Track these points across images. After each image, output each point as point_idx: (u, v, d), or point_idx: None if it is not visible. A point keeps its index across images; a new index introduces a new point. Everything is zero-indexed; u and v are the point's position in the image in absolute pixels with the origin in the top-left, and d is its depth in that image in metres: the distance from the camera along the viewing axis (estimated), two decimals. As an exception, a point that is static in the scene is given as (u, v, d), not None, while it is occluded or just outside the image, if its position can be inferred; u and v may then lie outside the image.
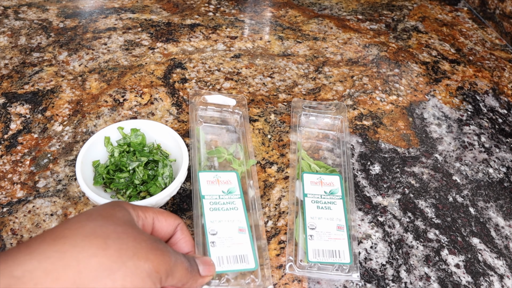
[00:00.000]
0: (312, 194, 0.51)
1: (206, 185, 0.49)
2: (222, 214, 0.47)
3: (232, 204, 0.48)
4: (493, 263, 0.50)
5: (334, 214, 0.49)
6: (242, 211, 0.48)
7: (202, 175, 0.50)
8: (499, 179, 0.59)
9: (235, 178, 0.51)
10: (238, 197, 0.49)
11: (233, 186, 0.50)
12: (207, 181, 0.50)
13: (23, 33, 0.75)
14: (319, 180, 0.52)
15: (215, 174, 0.50)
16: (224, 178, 0.50)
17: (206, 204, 0.47)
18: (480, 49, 0.83)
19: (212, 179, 0.50)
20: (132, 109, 0.63)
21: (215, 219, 0.46)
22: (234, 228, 0.46)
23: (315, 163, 0.56)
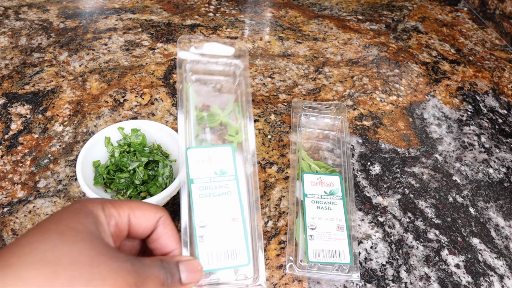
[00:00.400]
0: (312, 194, 0.51)
1: (196, 165, 0.41)
2: (214, 201, 0.40)
3: (225, 188, 0.40)
4: (493, 263, 0.50)
5: (334, 214, 0.49)
6: (236, 196, 0.40)
7: (191, 153, 0.41)
8: (499, 179, 0.59)
9: (230, 154, 0.42)
10: (232, 178, 0.41)
11: (227, 164, 0.41)
12: (197, 160, 0.41)
13: (23, 34, 0.75)
14: (319, 180, 0.52)
15: (206, 151, 0.41)
16: (217, 155, 0.41)
17: (195, 189, 0.39)
18: (480, 50, 0.83)
19: (203, 158, 0.41)
20: (133, 109, 0.63)
21: (205, 208, 0.39)
22: (226, 217, 0.39)
23: (315, 163, 0.56)
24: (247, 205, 0.41)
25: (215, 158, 0.41)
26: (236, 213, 0.40)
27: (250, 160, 0.43)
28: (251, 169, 0.42)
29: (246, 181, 0.42)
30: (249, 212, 0.41)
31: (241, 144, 0.43)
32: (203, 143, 0.43)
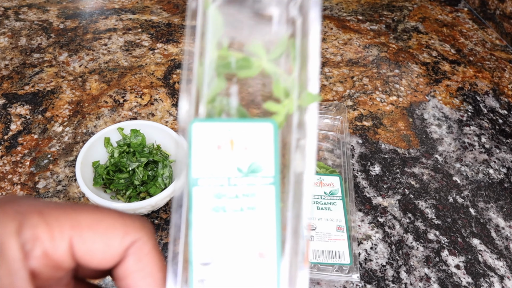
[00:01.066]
0: (312, 195, 0.51)
1: (206, 154, 0.21)
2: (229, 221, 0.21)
3: (254, 199, 0.21)
4: (494, 264, 0.50)
5: (334, 215, 0.49)
6: (272, 213, 0.21)
7: (198, 130, 0.21)
8: (500, 180, 0.59)
9: (269, 136, 0.21)
10: (268, 182, 0.21)
11: (262, 155, 0.22)
12: (207, 144, 0.21)
13: (23, 34, 0.75)
14: (319, 181, 0.52)
15: (226, 127, 0.21)
16: (246, 136, 0.21)
17: (200, 198, 0.21)
18: (480, 50, 0.83)
19: (219, 141, 0.21)
20: (132, 109, 0.63)
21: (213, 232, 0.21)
22: (249, 251, 0.21)
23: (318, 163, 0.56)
24: (290, 230, 0.22)
25: (241, 142, 0.21)
26: (267, 244, 0.21)
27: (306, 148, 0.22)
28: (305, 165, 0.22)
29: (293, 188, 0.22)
30: (290, 243, 0.22)
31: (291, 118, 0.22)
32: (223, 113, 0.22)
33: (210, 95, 0.23)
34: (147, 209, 0.46)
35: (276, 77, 0.23)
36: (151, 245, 0.21)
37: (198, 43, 0.23)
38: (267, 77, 0.24)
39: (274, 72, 0.23)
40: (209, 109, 0.23)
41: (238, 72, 0.23)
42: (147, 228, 0.21)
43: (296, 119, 0.22)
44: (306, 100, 0.23)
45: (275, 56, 0.24)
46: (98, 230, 0.19)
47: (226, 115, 0.23)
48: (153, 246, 0.21)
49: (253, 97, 0.24)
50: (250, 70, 0.23)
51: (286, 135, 0.23)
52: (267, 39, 0.24)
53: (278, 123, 0.22)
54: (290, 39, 0.24)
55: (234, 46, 0.24)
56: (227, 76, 0.23)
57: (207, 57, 0.23)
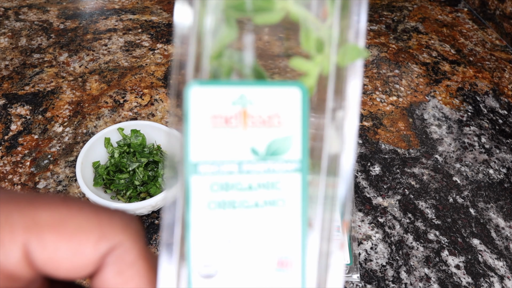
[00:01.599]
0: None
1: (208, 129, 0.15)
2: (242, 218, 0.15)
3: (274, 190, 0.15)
4: (494, 264, 0.50)
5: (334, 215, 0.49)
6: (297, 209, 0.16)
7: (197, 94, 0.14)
8: (500, 180, 0.59)
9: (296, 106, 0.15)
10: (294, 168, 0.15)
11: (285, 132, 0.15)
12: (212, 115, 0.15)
13: (23, 34, 0.75)
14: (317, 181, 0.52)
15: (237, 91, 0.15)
16: (263, 104, 0.15)
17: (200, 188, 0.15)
18: (480, 50, 0.83)
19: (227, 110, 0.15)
20: (132, 110, 0.63)
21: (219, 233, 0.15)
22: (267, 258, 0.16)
23: None
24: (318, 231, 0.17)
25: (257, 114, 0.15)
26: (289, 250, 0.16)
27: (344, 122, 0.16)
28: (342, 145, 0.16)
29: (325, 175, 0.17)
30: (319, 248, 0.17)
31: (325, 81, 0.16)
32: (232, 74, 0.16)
33: (216, 47, 0.16)
34: (147, 210, 0.46)
35: (306, 24, 0.17)
36: (136, 252, 0.15)
37: None
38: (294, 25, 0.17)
39: (303, 16, 0.17)
40: (214, 67, 0.16)
41: (255, 17, 0.17)
42: (132, 228, 0.15)
43: (332, 82, 0.16)
44: (348, 56, 0.16)
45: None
46: (63, 233, 0.14)
47: (237, 76, 0.16)
48: (139, 254, 0.15)
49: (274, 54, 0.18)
50: (271, 14, 0.17)
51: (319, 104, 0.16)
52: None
53: (308, 87, 0.16)
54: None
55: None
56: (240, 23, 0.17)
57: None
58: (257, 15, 0.16)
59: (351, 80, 0.16)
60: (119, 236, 0.15)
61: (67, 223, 0.14)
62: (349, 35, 0.15)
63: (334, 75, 0.16)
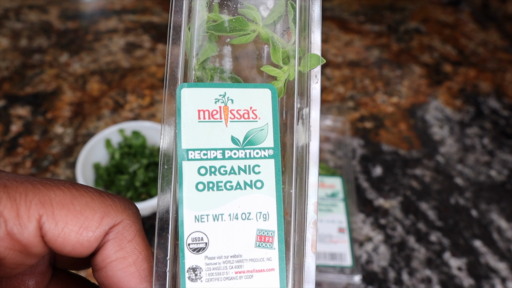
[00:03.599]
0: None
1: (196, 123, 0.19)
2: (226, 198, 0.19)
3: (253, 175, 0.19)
4: (496, 265, 0.49)
5: (335, 216, 0.49)
6: (272, 190, 0.20)
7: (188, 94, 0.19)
8: (501, 182, 0.59)
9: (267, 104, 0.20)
10: (267, 154, 0.20)
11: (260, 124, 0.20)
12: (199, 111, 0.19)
13: (24, 35, 0.75)
14: (320, 182, 0.52)
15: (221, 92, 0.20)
16: (241, 102, 0.20)
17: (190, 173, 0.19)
18: (482, 51, 0.83)
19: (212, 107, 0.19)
20: (133, 111, 0.63)
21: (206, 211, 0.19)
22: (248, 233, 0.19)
23: None
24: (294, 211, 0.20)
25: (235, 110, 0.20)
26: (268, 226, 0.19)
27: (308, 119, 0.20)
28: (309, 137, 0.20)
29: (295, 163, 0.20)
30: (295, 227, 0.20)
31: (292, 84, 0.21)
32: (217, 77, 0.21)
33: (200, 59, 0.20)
34: (148, 211, 0.46)
35: (274, 42, 0.20)
36: (135, 230, 0.17)
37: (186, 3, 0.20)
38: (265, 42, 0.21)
39: (271, 37, 0.21)
40: (199, 74, 0.20)
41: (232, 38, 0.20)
42: (131, 210, 0.17)
43: (297, 86, 0.21)
44: (309, 63, 0.21)
45: (273, 19, 0.21)
46: (72, 209, 0.16)
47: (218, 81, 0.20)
48: (137, 232, 0.17)
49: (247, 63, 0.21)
50: (245, 36, 0.21)
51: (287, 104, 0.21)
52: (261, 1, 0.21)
53: (277, 89, 0.20)
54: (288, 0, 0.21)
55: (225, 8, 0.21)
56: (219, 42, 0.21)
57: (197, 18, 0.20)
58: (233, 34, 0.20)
59: (313, 83, 0.20)
60: (120, 215, 0.17)
61: (76, 202, 0.16)
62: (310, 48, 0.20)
63: (298, 81, 0.20)
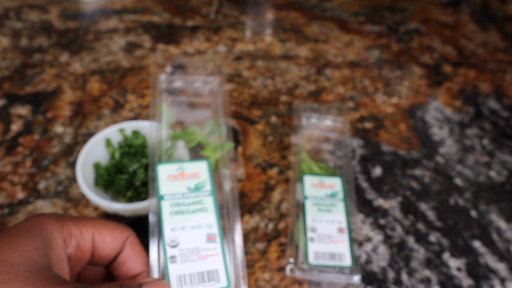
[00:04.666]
0: (313, 197, 0.50)
1: (167, 181, 0.38)
2: (187, 218, 0.37)
3: (200, 204, 0.37)
4: (495, 266, 0.49)
5: (335, 216, 0.49)
6: (212, 212, 0.37)
7: (161, 168, 0.39)
8: (501, 182, 0.59)
9: (205, 169, 0.39)
10: (208, 194, 0.38)
11: (202, 180, 0.39)
12: (168, 175, 0.39)
13: (24, 35, 0.75)
14: (320, 182, 0.52)
15: (178, 165, 0.39)
16: (191, 170, 0.39)
17: (166, 206, 0.37)
18: (482, 52, 0.83)
19: (175, 173, 0.39)
20: (133, 110, 0.63)
21: (177, 225, 0.36)
22: (201, 236, 0.36)
23: (316, 165, 0.55)
24: (228, 223, 0.39)
25: (188, 173, 0.39)
26: (212, 231, 0.36)
27: (228, 176, 0.40)
28: (230, 185, 0.40)
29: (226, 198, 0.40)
30: (229, 229, 0.38)
31: (219, 162, 0.41)
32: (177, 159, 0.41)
33: (167, 152, 0.42)
34: (147, 210, 0.46)
35: (207, 144, 0.43)
36: (137, 239, 0.33)
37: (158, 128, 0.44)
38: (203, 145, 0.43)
39: (206, 142, 0.44)
40: (166, 159, 0.42)
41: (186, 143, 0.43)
42: (132, 230, 0.33)
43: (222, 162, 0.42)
44: (225, 148, 0.42)
45: (206, 133, 0.44)
46: (108, 229, 0.31)
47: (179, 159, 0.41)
48: (138, 240, 0.33)
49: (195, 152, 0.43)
50: (192, 142, 0.43)
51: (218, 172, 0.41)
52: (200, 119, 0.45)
53: (211, 162, 0.41)
54: (213, 121, 0.45)
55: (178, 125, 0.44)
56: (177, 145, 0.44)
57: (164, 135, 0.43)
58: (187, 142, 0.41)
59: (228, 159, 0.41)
60: (129, 231, 0.33)
61: (108, 225, 0.31)
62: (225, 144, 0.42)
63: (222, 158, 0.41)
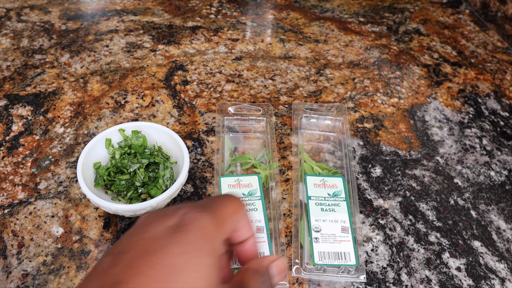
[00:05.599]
0: (316, 197, 0.50)
1: (227, 189, 0.52)
2: None
3: (252, 206, 0.50)
4: (495, 266, 0.49)
5: (339, 216, 0.49)
6: (261, 211, 0.50)
7: (223, 180, 0.53)
8: (501, 182, 0.59)
9: (256, 181, 0.53)
10: (258, 198, 0.51)
11: (254, 188, 0.52)
12: (228, 185, 0.52)
13: (25, 35, 0.75)
14: (322, 182, 0.52)
15: (236, 178, 0.53)
16: (246, 181, 0.53)
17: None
18: (481, 52, 0.83)
19: (233, 183, 0.52)
20: (134, 111, 0.63)
21: None
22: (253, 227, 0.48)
23: (317, 165, 0.55)
24: (272, 221, 0.50)
25: (243, 183, 0.53)
26: (261, 224, 0.49)
27: (275, 187, 0.54)
28: (275, 193, 0.53)
29: (273, 203, 0.52)
30: (273, 226, 0.50)
31: (268, 177, 0.55)
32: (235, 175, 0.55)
33: (227, 171, 0.55)
34: (148, 211, 0.46)
35: (259, 166, 0.56)
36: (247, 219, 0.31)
37: (221, 152, 0.57)
38: (256, 166, 0.56)
39: (257, 164, 0.57)
40: (227, 174, 0.55)
41: (243, 165, 0.57)
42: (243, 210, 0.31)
43: (270, 177, 0.54)
44: (273, 166, 0.55)
45: (259, 157, 0.58)
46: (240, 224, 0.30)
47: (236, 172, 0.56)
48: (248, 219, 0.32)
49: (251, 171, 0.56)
50: (247, 165, 0.57)
51: (268, 182, 0.54)
52: (255, 146, 0.60)
53: (261, 177, 0.54)
54: (265, 149, 0.59)
55: (238, 150, 0.59)
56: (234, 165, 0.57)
57: (226, 158, 0.57)
58: (244, 164, 0.57)
59: (276, 175, 0.55)
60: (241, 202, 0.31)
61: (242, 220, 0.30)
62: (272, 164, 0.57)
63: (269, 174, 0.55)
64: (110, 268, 0.23)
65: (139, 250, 0.24)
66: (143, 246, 0.24)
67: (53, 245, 0.47)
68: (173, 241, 0.24)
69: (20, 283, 0.44)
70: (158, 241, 0.24)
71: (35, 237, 0.47)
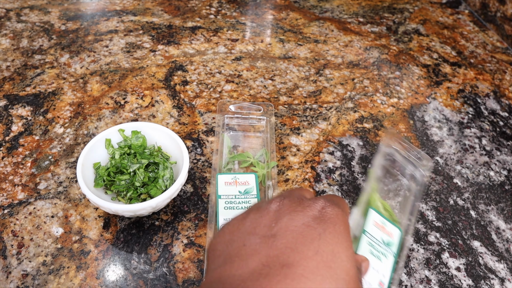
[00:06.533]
0: (371, 235, 0.44)
1: (224, 186, 0.51)
2: (236, 212, 0.48)
3: (248, 204, 0.50)
4: (494, 266, 0.49)
5: (381, 267, 0.43)
6: None
7: (220, 177, 0.52)
8: (500, 182, 0.59)
9: (253, 179, 0.52)
10: (254, 196, 0.50)
11: (250, 187, 0.51)
12: (225, 182, 0.52)
13: (25, 36, 0.75)
14: (382, 224, 0.45)
15: (233, 176, 0.52)
16: (243, 179, 0.52)
17: (221, 203, 0.49)
18: (481, 52, 0.83)
19: (230, 181, 0.52)
20: (133, 111, 0.63)
21: (228, 217, 0.48)
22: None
23: (384, 204, 0.48)
24: None
25: (240, 181, 0.52)
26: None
27: (272, 186, 0.53)
28: (271, 192, 0.52)
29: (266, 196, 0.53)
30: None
31: (265, 175, 0.55)
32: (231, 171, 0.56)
33: (225, 168, 0.55)
34: (147, 211, 0.46)
35: (258, 164, 0.56)
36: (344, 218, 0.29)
37: (220, 149, 0.56)
38: (255, 165, 0.56)
39: (257, 163, 0.56)
40: (225, 170, 0.55)
41: (241, 164, 0.57)
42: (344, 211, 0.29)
43: (267, 176, 0.54)
44: (270, 165, 0.55)
45: (258, 156, 0.57)
46: None
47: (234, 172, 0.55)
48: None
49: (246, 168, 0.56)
50: (246, 163, 0.56)
51: (264, 181, 0.54)
52: (254, 145, 0.60)
53: (258, 175, 0.54)
54: (264, 148, 0.58)
55: (236, 148, 0.59)
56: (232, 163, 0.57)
57: (224, 156, 0.57)
58: (242, 163, 0.57)
59: (273, 174, 0.54)
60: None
61: None
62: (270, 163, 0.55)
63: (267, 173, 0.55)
64: (265, 250, 0.24)
65: (296, 236, 0.25)
66: (298, 233, 0.25)
67: (53, 245, 0.47)
68: (328, 231, 0.25)
69: (20, 283, 0.44)
70: (314, 229, 0.25)
71: (35, 237, 0.47)
